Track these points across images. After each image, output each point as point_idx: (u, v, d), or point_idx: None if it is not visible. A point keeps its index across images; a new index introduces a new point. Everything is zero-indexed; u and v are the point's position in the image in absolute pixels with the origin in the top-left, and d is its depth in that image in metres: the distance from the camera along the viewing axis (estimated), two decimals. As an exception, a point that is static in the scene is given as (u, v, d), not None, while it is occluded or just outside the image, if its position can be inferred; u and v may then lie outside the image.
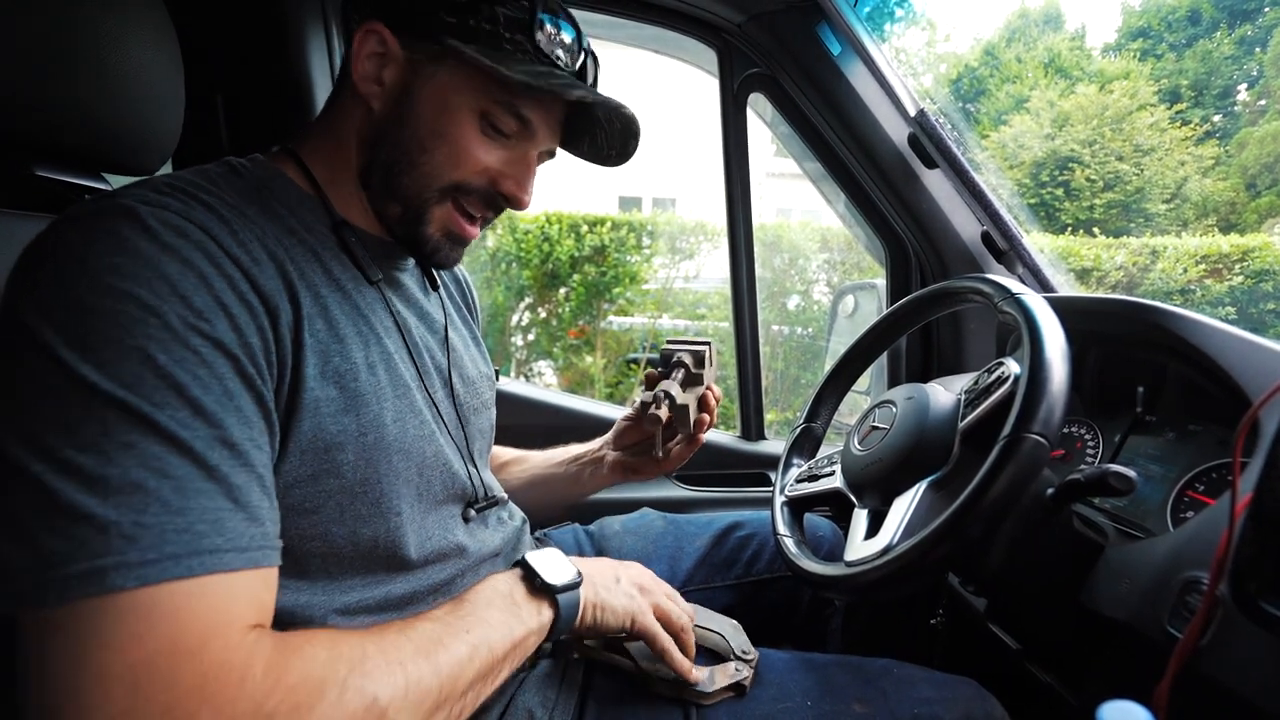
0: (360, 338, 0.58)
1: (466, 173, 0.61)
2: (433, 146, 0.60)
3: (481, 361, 0.80)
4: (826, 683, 0.70)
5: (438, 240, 0.64)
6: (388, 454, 0.57)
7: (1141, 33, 9.60)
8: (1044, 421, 0.58)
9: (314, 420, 0.52)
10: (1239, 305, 4.76)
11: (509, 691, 0.67)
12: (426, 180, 0.61)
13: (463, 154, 0.61)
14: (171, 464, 0.41)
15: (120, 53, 0.62)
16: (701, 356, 0.86)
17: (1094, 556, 0.71)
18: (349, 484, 0.55)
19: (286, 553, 0.54)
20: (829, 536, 0.98)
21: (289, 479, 0.52)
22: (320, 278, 0.57)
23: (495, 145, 0.62)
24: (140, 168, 0.69)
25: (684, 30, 1.24)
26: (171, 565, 0.40)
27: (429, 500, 0.63)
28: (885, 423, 0.76)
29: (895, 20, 1.33)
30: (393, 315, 0.63)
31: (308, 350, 0.52)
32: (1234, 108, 8.53)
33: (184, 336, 0.44)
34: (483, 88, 0.59)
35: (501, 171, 0.63)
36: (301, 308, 0.52)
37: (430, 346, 0.69)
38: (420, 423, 0.61)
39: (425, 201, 0.62)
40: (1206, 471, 0.74)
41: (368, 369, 0.57)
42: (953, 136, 1.14)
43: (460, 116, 0.60)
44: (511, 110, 0.61)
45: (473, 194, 0.63)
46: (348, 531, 0.56)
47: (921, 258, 1.29)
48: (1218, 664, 0.54)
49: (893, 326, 0.91)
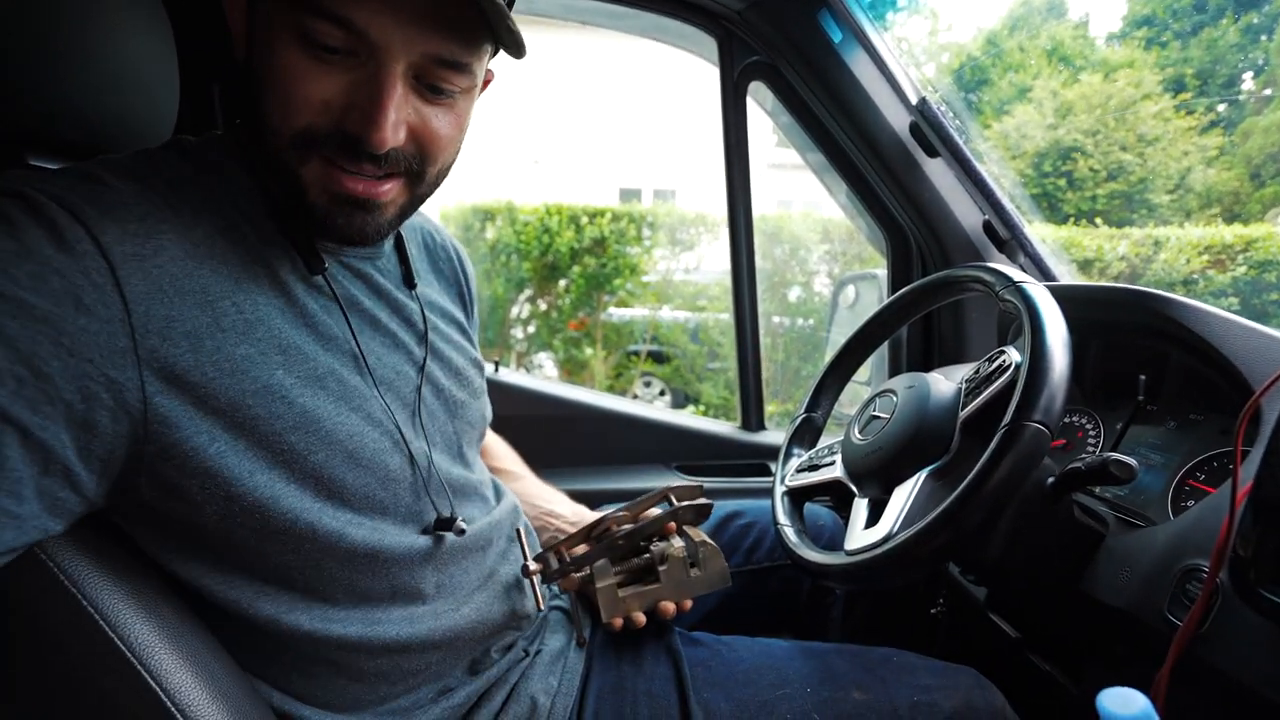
0: (305, 348, 0.54)
1: (306, 114, 0.49)
2: (265, 95, 0.50)
3: (471, 349, 0.76)
4: (826, 670, 0.70)
5: (325, 206, 0.53)
6: (343, 469, 0.54)
7: (1146, 20, 9.53)
8: (1045, 410, 0.57)
9: (251, 433, 0.50)
10: (1242, 296, 4.74)
11: (511, 680, 0.67)
12: (275, 137, 0.51)
13: (291, 90, 0.49)
14: None
15: (113, 41, 0.61)
16: None
17: (1095, 545, 0.71)
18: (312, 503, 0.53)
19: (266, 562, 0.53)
20: (829, 525, 0.98)
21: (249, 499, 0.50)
22: (260, 284, 0.52)
23: (328, 70, 0.49)
24: (135, 157, 0.69)
25: (684, 18, 1.23)
26: None
27: (396, 513, 0.60)
28: (886, 412, 0.76)
29: (898, 9, 1.32)
30: (345, 316, 0.57)
31: (239, 362, 0.49)
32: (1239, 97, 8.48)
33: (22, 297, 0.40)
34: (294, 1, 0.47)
35: (346, 104, 0.49)
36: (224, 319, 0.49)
37: (403, 342, 0.64)
38: (380, 434, 0.58)
39: (287, 164, 0.52)
40: (1208, 460, 0.73)
41: (314, 381, 0.54)
42: (954, 125, 1.13)
43: (280, 45, 0.48)
44: (324, 13, 0.47)
45: (328, 143, 0.50)
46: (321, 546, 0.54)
47: (923, 247, 1.28)
48: (1217, 651, 0.54)
49: (894, 316, 0.91)
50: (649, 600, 0.73)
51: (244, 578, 0.54)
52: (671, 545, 0.75)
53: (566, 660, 0.71)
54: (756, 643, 0.77)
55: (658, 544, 0.75)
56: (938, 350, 1.32)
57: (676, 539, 0.76)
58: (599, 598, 0.71)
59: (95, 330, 0.43)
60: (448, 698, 0.63)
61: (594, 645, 0.75)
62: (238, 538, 0.51)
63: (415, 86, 0.52)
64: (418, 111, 0.52)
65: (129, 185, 0.48)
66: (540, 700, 0.65)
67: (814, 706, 0.66)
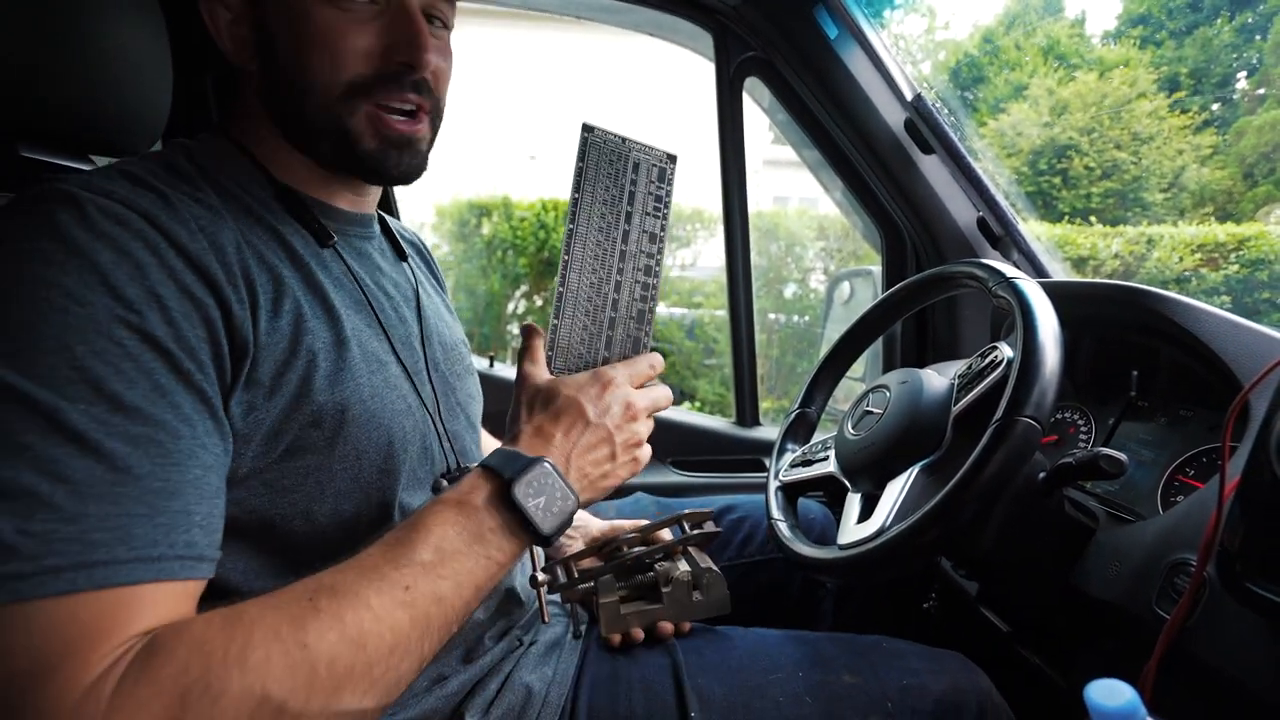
0: (328, 315, 0.56)
1: (353, 66, 0.56)
2: (308, 60, 0.55)
3: (456, 327, 0.79)
4: (817, 655, 0.71)
5: (378, 150, 0.58)
6: (365, 429, 0.56)
7: (1142, 19, 9.55)
8: (1036, 405, 0.58)
9: (286, 401, 0.51)
10: (1234, 294, 4.77)
11: (505, 669, 0.67)
12: (325, 97, 0.56)
13: (335, 48, 0.55)
14: (72, 466, 0.38)
15: (106, 33, 0.61)
16: None
17: (1085, 539, 0.71)
18: (327, 461, 0.54)
19: (273, 538, 0.53)
20: (820, 520, 0.98)
21: (264, 460, 0.51)
22: (280, 256, 0.55)
23: (359, 21, 0.55)
24: (127, 149, 0.68)
25: (679, 12, 1.23)
26: (51, 580, 0.36)
27: (409, 475, 0.61)
28: (879, 407, 0.76)
29: (894, 5, 1.33)
30: (360, 287, 0.61)
31: (273, 334, 0.51)
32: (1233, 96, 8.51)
33: (108, 329, 0.41)
34: None
35: (387, 46, 0.56)
36: (259, 293, 0.51)
37: (404, 316, 0.67)
38: (396, 397, 0.60)
39: (339, 118, 0.57)
40: (1197, 456, 0.74)
41: (338, 346, 0.56)
42: (950, 122, 1.13)
43: (309, 11, 0.54)
44: None
45: (376, 87, 0.57)
46: (330, 509, 0.55)
47: (917, 243, 1.28)
48: (1204, 644, 0.55)
49: (888, 312, 0.91)
50: (649, 619, 0.73)
51: (247, 550, 0.53)
52: (677, 567, 0.76)
53: (562, 650, 0.72)
54: (750, 632, 0.77)
55: (663, 564, 0.76)
56: (931, 346, 1.33)
57: (683, 561, 0.77)
58: (601, 612, 0.72)
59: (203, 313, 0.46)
60: (441, 686, 0.63)
61: (589, 636, 0.75)
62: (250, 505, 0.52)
63: None
64: None
65: (174, 190, 0.50)
66: (535, 689, 0.66)
67: (806, 690, 0.67)
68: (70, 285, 0.41)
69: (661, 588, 0.74)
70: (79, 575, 0.37)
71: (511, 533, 0.50)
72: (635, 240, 0.58)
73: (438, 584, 0.46)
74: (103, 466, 0.39)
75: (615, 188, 0.57)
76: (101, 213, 0.44)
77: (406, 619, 0.44)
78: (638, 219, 0.58)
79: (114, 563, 0.38)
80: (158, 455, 0.41)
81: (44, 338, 0.40)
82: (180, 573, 0.41)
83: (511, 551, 0.50)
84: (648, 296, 0.59)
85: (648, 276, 0.59)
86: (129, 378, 0.41)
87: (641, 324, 0.60)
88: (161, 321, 0.44)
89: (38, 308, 0.40)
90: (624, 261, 0.58)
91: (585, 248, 0.57)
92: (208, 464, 0.44)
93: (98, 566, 0.38)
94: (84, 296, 0.41)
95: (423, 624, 0.45)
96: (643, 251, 0.59)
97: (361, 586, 0.43)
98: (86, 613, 0.37)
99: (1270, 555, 0.49)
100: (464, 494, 0.50)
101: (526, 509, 0.49)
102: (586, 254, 0.57)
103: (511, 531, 0.50)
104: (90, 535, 0.38)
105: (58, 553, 0.37)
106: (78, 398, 0.39)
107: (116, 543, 0.38)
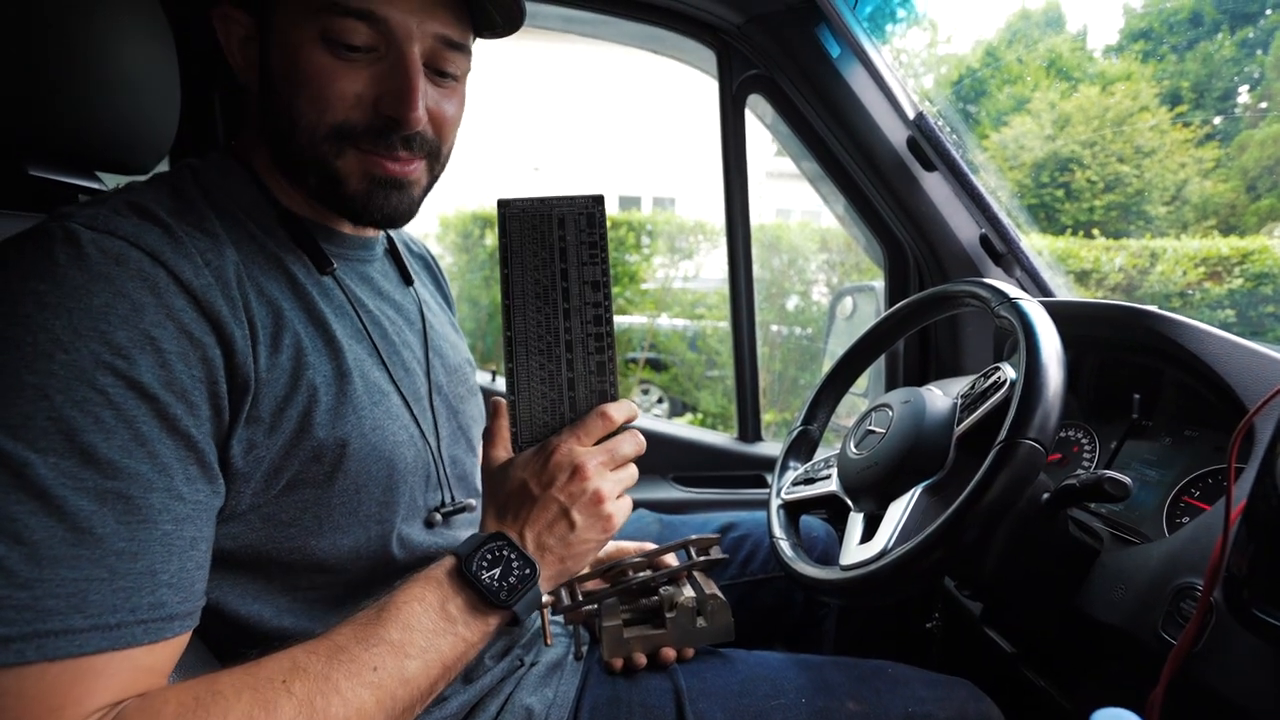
0: (329, 347, 0.56)
1: (341, 112, 0.53)
2: (296, 97, 0.53)
3: (461, 346, 0.78)
4: (821, 681, 0.70)
5: (364, 191, 0.56)
6: (365, 463, 0.56)
7: (1143, 34, 9.59)
8: (1039, 427, 0.58)
9: (286, 437, 0.51)
10: (1239, 308, 4.75)
11: (506, 690, 0.67)
12: (310, 136, 0.54)
13: (322, 90, 0.53)
14: (31, 526, 0.37)
15: (115, 51, 0.61)
16: None
17: (1089, 561, 0.71)
18: (325, 494, 0.54)
19: (269, 567, 0.53)
20: (822, 538, 0.98)
21: (263, 496, 0.51)
22: (281, 286, 0.54)
23: (353, 67, 0.53)
24: (135, 166, 0.69)
25: (682, 31, 1.24)
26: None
27: (409, 505, 0.61)
28: (881, 426, 0.76)
29: (897, 21, 1.33)
30: (359, 316, 0.60)
31: (273, 370, 0.50)
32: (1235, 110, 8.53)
33: (92, 376, 0.40)
34: (311, 6, 0.52)
35: (377, 96, 0.54)
36: (259, 329, 0.50)
37: (408, 340, 0.67)
38: (398, 428, 0.60)
39: (324, 158, 0.55)
40: (1202, 477, 0.73)
41: (339, 379, 0.55)
42: (951, 139, 1.14)
43: (304, 50, 0.52)
44: (349, 11, 0.51)
45: (364, 136, 0.55)
46: (328, 542, 0.55)
47: (920, 260, 1.29)
48: (1212, 671, 0.54)
49: (890, 330, 0.91)
50: (652, 644, 0.73)
51: (243, 580, 0.54)
52: (681, 593, 0.75)
53: (563, 671, 0.71)
54: (751, 655, 0.77)
55: (667, 588, 0.76)
56: (934, 363, 1.33)
57: (688, 587, 0.77)
58: (603, 635, 0.72)
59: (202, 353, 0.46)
60: (441, 706, 0.63)
61: (590, 658, 0.74)
62: (247, 539, 0.52)
63: (427, 73, 0.56)
64: (431, 96, 0.57)
65: (179, 221, 0.49)
66: (535, 710, 0.65)
67: (809, 717, 0.66)
68: (59, 330, 0.40)
69: (665, 613, 0.73)
70: (28, 646, 0.35)
71: (476, 609, 0.50)
72: (577, 294, 0.56)
73: (405, 664, 0.46)
74: (64, 526, 0.38)
75: (544, 250, 0.56)
76: (101, 252, 0.43)
77: (373, 701, 0.44)
78: (574, 272, 0.56)
79: (68, 632, 0.37)
80: (124, 512, 0.40)
81: (24, 385, 0.39)
82: (143, 638, 0.40)
83: (480, 629, 0.50)
84: (603, 346, 0.57)
85: (598, 326, 0.57)
86: (107, 427, 0.40)
87: (603, 375, 0.58)
88: (153, 365, 0.43)
89: (22, 353, 0.39)
90: (570, 319, 0.56)
91: (527, 319, 0.56)
92: (181, 516, 0.43)
93: (49, 637, 0.36)
94: (71, 343, 0.40)
95: (389, 706, 0.45)
96: (588, 303, 0.57)
97: (332, 670, 0.43)
98: (37, 687, 0.36)
99: (1277, 581, 0.49)
100: (431, 570, 0.51)
101: (480, 580, 0.50)
102: (529, 325, 0.56)
103: (476, 608, 0.50)
104: (44, 603, 0.36)
105: (7, 621, 0.35)
106: (49, 449, 0.38)
107: (72, 611, 0.37)
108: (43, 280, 0.42)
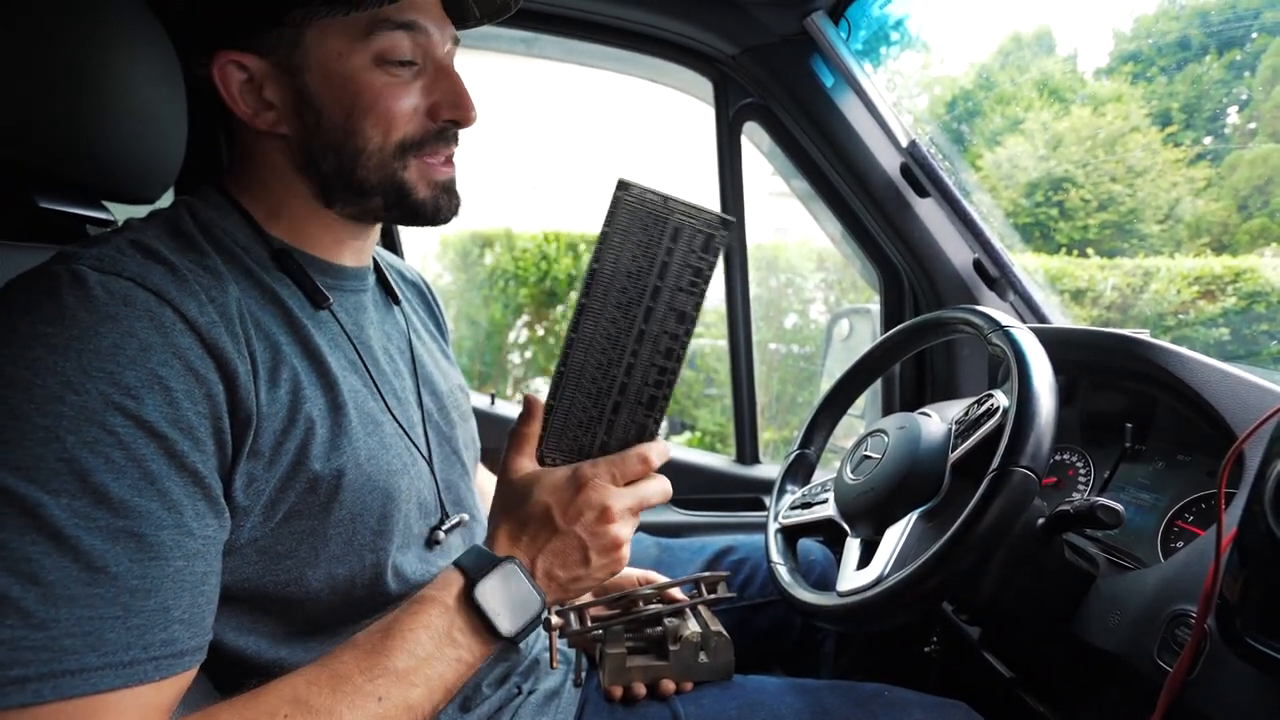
0: (325, 380, 0.56)
1: (402, 126, 0.57)
2: (359, 124, 0.56)
3: (453, 373, 0.78)
4: (818, 707, 0.70)
5: (433, 198, 0.60)
6: (360, 493, 0.56)
7: (1133, 56, 9.73)
8: (1032, 455, 0.58)
9: (284, 469, 0.51)
10: (1233, 326, 4.77)
11: (506, 716, 0.67)
12: (379, 157, 0.57)
13: (388, 110, 0.56)
14: (46, 566, 0.37)
15: (123, 83, 0.62)
16: None
17: (1085, 586, 0.71)
18: (321, 525, 0.54)
19: (265, 600, 0.54)
20: (820, 561, 0.98)
21: (261, 529, 0.51)
22: (277, 321, 0.55)
23: (405, 83, 0.56)
24: (142, 197, 0.70)
25: (680, 61, 1.26)
26: (15, 691, 0.35)
27: (404, 534, 0.62)
28: (877, 452, 0.77)
29: (891, 44, 1.36)
30: (354, 345, 0.61)
31: (272, 404, 0.51)
32: (1224, 130, 8.63)
33: (102, 416, 0.41)
34: (355, 31, 0.54)
35: (433, 104, 0.58)
36: (259, 364, 0.50)
37: (399, 368, 0.67)
38: (392, 457, 0.60)
39: (393, 175, 0.58)
40: (1196, 502, 0.74)
41: (335, 411, 0.56)
42: (944, 166, 1.16)
43: (360, 77, 0.55)
44: (394, 25, 0.54)
45: (425, 143, 0.58)
46: (324, 573, 0.55)
47: (915, 284, 1.30)
48: (1207, 698, 0.54)
49: (885, 355, 0.92)
50: (653, 675, 0.73)
51: (239, 614, 0.54)
52: (687, 626, 0.75)
53: (560, 700, 0.71)
54: (749, 680, 0.76)
55: (672, 620, 0.76)
56: (930, 385, 1.34)
57: (692, 621, 0.77)
58: (605, 663, 0.71)
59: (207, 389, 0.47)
60: (438, 736, 0.62)
61: (589, 686, 0.74)
62: (244, 573, 0.52)
63: None
64: None
65: (182, 259, 0.50)
66: None
67: None
68: (69, 372, 0.41)
69: (669, 645, 0.73)
70: (44, 686, 0.36)
71: (477, 633, 0.50)
72: (660, 319, 0.50)
73: (409, 691, 0.46)
74: (78, 566, 0.38)
75: (645, 258, 0.49)
76: (108, 293, 0.44)
77: None
78: (666, 295, 0.50)
79: (83, 671, 0.37)
80: (137, 550, 0.40)
81: (35, 428, 0.39)
82: (154, 674, 0.40)
83: (480, 653, 0.50)
84: (664, 382, 0.51)
85: (667, 360, 0.51)
86: (118, 467, 0.41)
87: (652, 410, 0.53)
88: (161, 404, 0.43)
89: (32, 395, 0.40)
90: (640, 343, 0.50)
91: (598, 326, 0.50)
92: (192, 551, 0.44)
93: (65, 676, 0.37)
94: (81, 384, 0.41)
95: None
96: (666, 333, 0.50)
97: (336, 702, 0.43)
98: None
99: (1268, 609, 0.49)
100: (437, 590, 0.50)
101: (486, 611, 0.49)
102: (599, 333, 0.50)
103: (477, 632, 0.50)
104: (60, 642, 0.37)
105: (24, 662, 0.36)
106: (62, 490, 0.39)
107: (87, 649, 0.38)
108: (50, 324, 0.42)
